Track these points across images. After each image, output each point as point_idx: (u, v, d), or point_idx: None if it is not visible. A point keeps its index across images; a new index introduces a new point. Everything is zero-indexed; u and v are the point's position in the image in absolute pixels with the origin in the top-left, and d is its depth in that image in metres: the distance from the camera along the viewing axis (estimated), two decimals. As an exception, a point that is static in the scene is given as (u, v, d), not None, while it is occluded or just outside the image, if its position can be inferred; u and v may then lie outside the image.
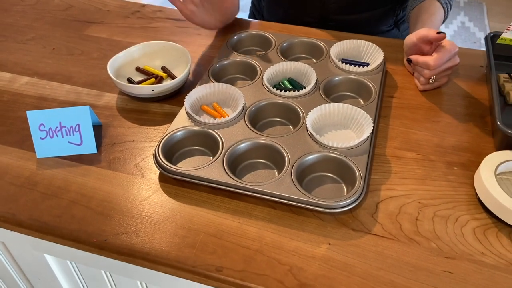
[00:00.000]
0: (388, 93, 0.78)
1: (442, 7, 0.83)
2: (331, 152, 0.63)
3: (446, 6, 0.84)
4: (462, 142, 0.70)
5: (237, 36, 0.87)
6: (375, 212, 0.60)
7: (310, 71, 0.76)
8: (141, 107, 0.76)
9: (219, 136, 0.66)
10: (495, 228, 0.58)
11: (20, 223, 0.58)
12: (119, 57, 0.78)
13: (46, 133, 0.66)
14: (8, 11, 1.00)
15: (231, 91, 0.72)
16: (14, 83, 0.80)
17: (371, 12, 0.96)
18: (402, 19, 1.02)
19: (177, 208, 0.60)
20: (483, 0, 3.04)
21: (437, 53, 0.72)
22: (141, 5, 1.00)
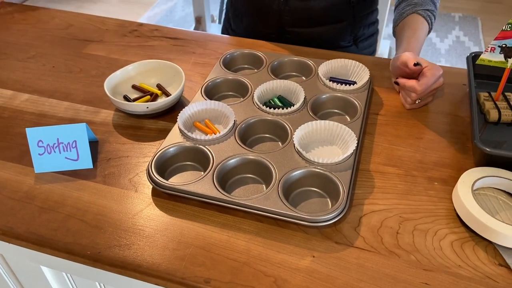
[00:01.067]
0: (373, 111, 0.82)
1: (425, 21, 0.87)
2: (317, 167, 0.66)
3: (430, 19, 0.88)
4: (444, 158, 0.73)
5: (230, 55, 0.90)
6: (358, 225, 0.62)
7: (298, 89, 0.80)
8: (136, 123, 0.79)
9: (210, 152, 0.69)
10: (472, 241, 0.61)
11: (17, 236, 0.61)
12: (116, 75, 0.82)
13: (44, 149, 0.69)
14: (9, 30, 1.03)
15: (223, 109, 0.76)
16: (15, 100, 0.83)
17: (326, 27, 1.00)
18: (362, 38, 1.06)
19: (169, 221, 0.63)
20: (478, 15, 3.09)
21: (423, 77, 0.75)
22: (139, 24, 1.04)
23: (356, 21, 1.00)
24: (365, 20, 1.02)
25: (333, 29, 0.99)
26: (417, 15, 0.86)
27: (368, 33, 1.05)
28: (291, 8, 0.96)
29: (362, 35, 1.03)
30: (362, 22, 1.01)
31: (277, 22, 0.99)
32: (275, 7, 0.97)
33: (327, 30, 0.99)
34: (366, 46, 1.06)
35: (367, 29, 1.04)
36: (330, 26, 0.99)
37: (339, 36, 1.01)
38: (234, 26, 1.10)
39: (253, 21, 1.03)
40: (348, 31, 1.01)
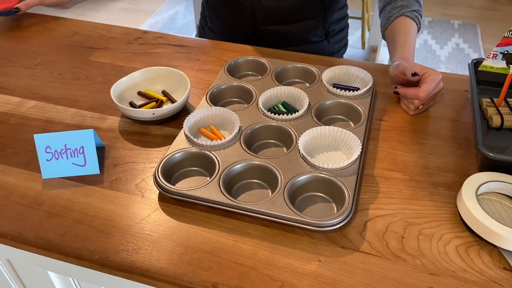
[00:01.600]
0: (377, 116, 0.82)
1: (413, 22, 0.88)
2: (322, 173, 0.67)
3: (417, 19, 0.89)
4: (447, 164, 0.73)
5: (234, 62, 0.91)
6: (363, 230, 0.63)
7: (303, 95, 0.81)
8: (142, 129, 0.79)
9: (215, 157, 0.69)
10: (477, 246, 0.61)
11: (26, 241, 0.61)
12: (122, 82, 0.82)
13: (52, 155, 0.69)
14: (16, 37, 1.05)
15: (228, 115, 0.76)
16: (22, 106, 0.84)
17: (298, 24, 1.02)
18: (333, 33, 1.08)
19: (176, 226, 0.63)
20: (477, 22, 3.12)
21: (423, 83, 0.77)
22: (143, 32, 1.05)
23: (326, 17, 1.03)
24: (336, 15, 1.05)
25: (305, 25, 1.02)
26: (405, 18, 0.88)
27: (339, 28, 1.08)
28: (264, 7, 0.99)
29: (332, 30, 1.07)
30: (332, 17, 1.05)
31: (250, 20, 1.02)
32: (248, 6, 1.00)
33: (299, 27, 1.02)
34: (337, 40, 1.09)
35: (337, 24, 1.07)
36: (302, 23, 1.02)
37: (310, 32, 1.03)
38: (210, 24, 1.13)
39: (228, 19, 1.06)
40: (319, 27, 1.04)
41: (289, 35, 1.03)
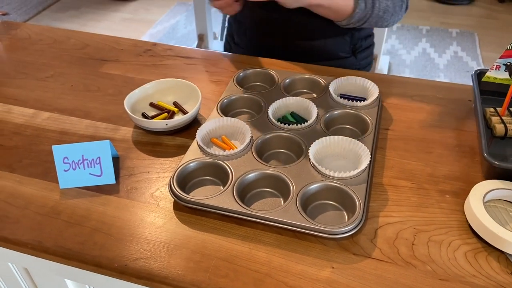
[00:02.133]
0: (383, 126, 0.84)
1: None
2: (332, 181, 0.69)
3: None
4: (453, 172, 0.75)
5: (243, 73, 0.93)
6: (374, 237, 0.65)
7: (311, 105, 0.83)
8: (155, 140, 0.81)
9: (228, 167, 0.71)
10: (485, 252, 0.63)
11: (46, 250, 0.63)
12: (135, 94, 0.84)
13: (69, 166, 0.71)
14: (27, 50, 1.07)
15: (239, 125, 0.78)
16: (36, 118, 0.86)
17: (327, 39, 1.03)
18: (360, 49, 1.10)
19: (191, 234, 0.65)
20: (475, 30, 3.16)
21: None
22: (153, 44, 1.08)
23: (354, 33, 1.04)
24: (363, 32, 1.06)
25: (334, 40, 1.03)
26: None
27: (366, 45, 1.09)
28: (295, 21, 1.00)
29: (360, 47, 1.08)
30: (360, 34, 1.06)
31: (281, 35, 1.03)
32: (280, 21, 1.01)
33: (328, 42, 1.03)
34: (364, 57, 1.10)
35: (364, 41, 1.08)
36: (331, 39, 1.03)
37: (339, 47, 1.05)
38: (237, 40, 1.14)
39: (257, 34, 1.07)
40: (347, 43, 1.05)
41: (318, 50, 1.04)
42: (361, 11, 0.89)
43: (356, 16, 0.90)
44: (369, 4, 0.89)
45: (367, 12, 0.90)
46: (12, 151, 0.79)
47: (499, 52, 3.03)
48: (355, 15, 0.90)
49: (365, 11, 0.90)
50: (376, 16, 0.92)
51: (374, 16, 0.92)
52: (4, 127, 0.84)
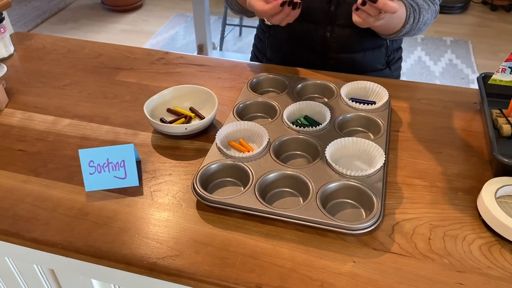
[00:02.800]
0: (394, 128, 0.88)
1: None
2: (350, 180, 0.72)
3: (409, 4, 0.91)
4: (464, 170, 0.78)
5: (256, 79, 0.97)
6: (392, 233, 0.67)
7: (324, 109, 0.86)
8: (174, 144, 0.84)
9: (248, 168, 0.74)
10: (498, 245, 0.66)
11: (76, 249, 0.65)
12: (153, 100, 0.87)
13: (94, 169, 0.73)
14: (42, 60, 1.09)
15: (256, 128, 0.81)
16: (57, 125, 0.88)
17: (366, 52, 1.06)
18: (393, 61, 1.13)
19: (215, 233, 0.67)
20: (469, 38, 3.22)
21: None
22: (165, 53, 1.11)
23: (389, 45, 1.07)
24: (395, 44, 1.09)
25: (372, 53, 1.06)
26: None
27: (397, 56, 1.12)
28: (337, 34, 1.02)
29: (393, 58, 1.11)
30: (393, 46, 1.09)
31: (322, 48, 1.05)
32: (321, 35, 1.03)
33: (367, 54, 1.06)
34: (396, 68, 1.13)
35: (397, 53, 1.11)
36: (370, 51, 1.06)
37: (376, 59, 1.08)
38: (270, 55, 1.14)
39: (296, 48, 1.08)
40: (383, 55, 1.08)
41: (358, 62, 1.06)
42: (409, 25, 0.93)
43: (404, 30, 0.94)
44: (416, 18, 0.93)
45: (413, 26, 0.94)
46: (36, 157, 0.81)
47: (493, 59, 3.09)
48: (403, 29, 0.93)
49: (412, 25, 0.93)
50: (418, 28, 0.96)
51: (417, 29, 0.96)
52: (26, 134, 0.86)
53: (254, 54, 1.23)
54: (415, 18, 0.92)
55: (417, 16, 0.93)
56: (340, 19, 1.00)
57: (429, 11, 0.96)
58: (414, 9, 0.92)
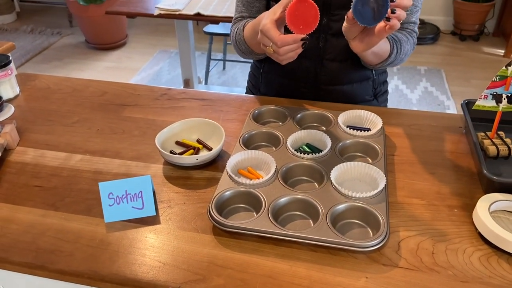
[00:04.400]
0: (390, 152, 0.94)
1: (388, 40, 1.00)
2: (356, 201, 0.77)
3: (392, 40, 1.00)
4: (457, 189, 0.85)
5: (258, 111, 1.03)
6: (398, 249, 0.73)
7: (324, 136, 0.92)
8: (185, 174, 0.88)
9: (260, 194, 0.79)
10: (496, 255, 0.72)
11: (102, 278, 0.68)
12: (163, 133, 0.92)
13: (114, 201, 0.77)
14: (49, 99, 1.13)
15: (263, 157, 0.86)
16: (70, 160, 0.92)
17: (354, 84, 1.14)
18: (380, 93, 1.21)
19: (234, 256, 0.71)
20: (441, 67, 3.40)
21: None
22: (167, 89, 1.16)
23: (375, 78, 1.16)
24: (381, 77, 1.18)
25: (360, 85, 1.14)
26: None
27: (384, 89, 1.21)
28: (327, 68, 1.10)
29: (380, 91, 1.19)
30: (379, 79, 1.17)
31: (313, 81, 1.13)
32: (312, 68, 1.11)
33: (355, 86, 1.14)
34: (383, 100, 1.22)
35: (383, 86, 1.20)
36: (358, 83, 1.14)
37: (365, 91, 1.16)
38: (264, 90, 1.22)
39: (289, 82, 1.16)
40: (370, 87, 1.16)
41: (347, 94, 1.14)
42: (394, 55, 1.02)
43: (389, 60, 1.02)
44: (399, 49, 1.02)
45: (397, 56, 1.03)
46: (53, 191, 0.84)
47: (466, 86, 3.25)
48: (389, 59, 1.02)
49: (396, 55, 1.02)
50: (400, 59, 1.05)
51: (399, 59, 1.05)
52: (41, 170, 0.89)
53: (248, 89, 1.30)
54: (397, 49, 1.01)
55: (399, 47, 1.02)
56: (328, 54, 1.08)
57: (408, 43, 1.05)
58: (396, 41, 1.01)
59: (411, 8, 1.05)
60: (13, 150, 0.95)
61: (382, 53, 0.99)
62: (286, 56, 0.87)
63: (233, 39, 1.10)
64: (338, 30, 1.05)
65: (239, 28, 1.07)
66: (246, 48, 1.06)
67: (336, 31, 1.05)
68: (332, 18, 1.04)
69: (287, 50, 0.85)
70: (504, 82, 0.86)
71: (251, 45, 1.04)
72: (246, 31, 1.03)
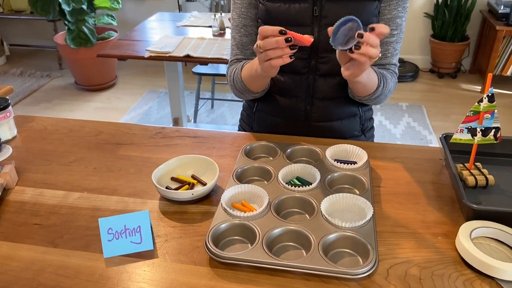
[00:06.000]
0: (375, 184, 0.99)
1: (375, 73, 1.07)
2: (346, 231, 0.81)
3: (380, 74, 1.07)
4: (440, 217, 0.90)
5: (249, 146, 1.07)
6: (387, 276, 0.76)
7: (314, 170, 0.97)
8: (181, 209, 0.91)
9: (254, 226, 0.82)
10: (479, 280, 0.76)
11: (103, 312, 0.69)
12: (160, 169, 0.96)
13: (113, 236, 0.79)
14: (46, 140, 1.16)
15: (256, 190, 0.90)
16: (68, 198, 0.94)
17: (342, 120, 1.21)
18: (367, 129, 1.28)
19: (230, 287, 0.74)
20: (422, 103, 3.53)
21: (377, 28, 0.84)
22: (161, 128, 1.21)
23: (362, 115, 1.23)
24: (368, 114, 1.25)
25: (348, 121, 1.21)
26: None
27: (370, 125, 1.28)
28: (317, 106, 1.17)
29: (367, 127, 1.26)
30: (366, 116, 1.24)
31: (304, 119, 1.19)
32: (302, 107, 1.18)
33: (344, 122, 1.21)
34: (370, 136, 1.29)
35: (369, 122, 1.27)
36: (346, 119, 1.21)
37: (353, 127, 1.22)
38: (257, 128, 1.28)
39: (281, 121, 1.22)
40: (358, 123, 1.23)
41: (336, 130, 1.21)
42: (381, 89, 1.08)
43: (376, 94, 1.09)
44: (385, 84, 1.10)
45: (383, 90, 1.10)
46: (52, 229, 0.86)
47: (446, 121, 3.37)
48: (376, 92, 1.08)
49: (382, 90, 1.09)
50: (384, 94, 1.12)
51: (383, 95, 1.12)
52: (39, 209, 0.92)
53: (241, 128, 1.35)
54: (384, 83, 1.09)
55: (385, 82, 1.09)
56: (318, 93, 1.15)
57: (392, 80, 1.13)
58: (382, 76, 1.09)
59: (391, 52, 1.13)
60: (12, 189, 0.97)
61: (371, 85, 1.05)
62: (268, 54, 0.87)
63: (230, 79, 1.17)
64: (326, 71, 1.12)
65: (237, 68, 1.14)
66: (243, 87, 1.13)
67: (324, 72, 1.13)
68: (320, 60, 1.11)
69: (268, 44, 0.86)
70: (478, 117, 0.93)
71: (248, 84, 1.11)
72: (244, 71, 1.10)
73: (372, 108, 1.29)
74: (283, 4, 1.07)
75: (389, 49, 1.13)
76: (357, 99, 1.14)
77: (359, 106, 1.22)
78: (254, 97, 1.19)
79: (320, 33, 1.08)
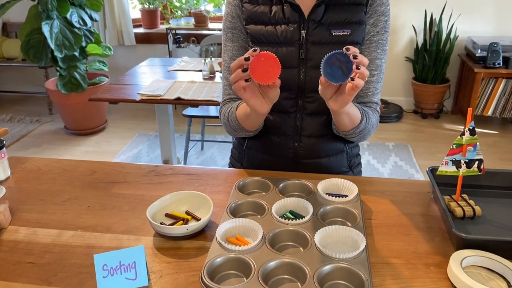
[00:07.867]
0: (366, 216, 1.01)
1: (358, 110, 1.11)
2: (340, 262, 0.82)
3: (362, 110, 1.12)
4: (431, 248, 0.91)
5: (242, 182, 1.09)
6: (382, 306, 0.77)
7: (306, 203, 0.99)
8: (175, 245, 0.91)
9: (249, 259, 0.83)
10: (472, 307, 0.77)
11: None
12: (154, 205, 0.97)
13: (108, 272, 0.79)
14: (40, 180, 1.17)
15: (250, 224, 0.92)
16: (62, 237, 0.94)
17: (330, 157, 1.25)
18: (354, 165, 1.32)
19: (227, 321, 0.73)
20: (408, 143, 3.61)
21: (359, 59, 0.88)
22: (154, 166, 1.22)
23: (349, 151, 1.28)
24: (354, 150, 1.29)
25: (336, 158, 1.25)
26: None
27: (357, 162, 1.33)
28: (305, 144, 1.21)
29: (354, 163, 1.30)
30: (352, 152, 1.28)
31: (293, 156, 1.23)
32: (291, 145, 1.21)
33: (331, 159, 1.24)
34: (357, 172, 1.33)
35: (356, 158, 1.31)
36: (334, 156, 1.25)
37: (340, 163, 1.26)
38: (247, 164, 1.31)
39: (271, 158, 1.25)
40: (345, 159, 1.26)
41: (324, 166, 1.24)
42: (364, 123, 1.12)
43: (360, 127, 1.12)
44: (367, 118, 1.14)
45: (366, 125, 1.13)
46: (46, 267, 0.85)
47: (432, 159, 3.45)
48: (359, 126, 1.12)
49: (365, 123, 1.13)
50: (368, 130, 1.16)
51: (367, 130, 1.15)
52: (33, 247, 0.91)
53: (231, 165, 1.38)
54: (366, 118, 1.13)
55: (368, 117, 1.14)
56: (305, 131, 1.20)
57: (374, 116, 1.18)
58: (365, 112, 1.14)
59: (372, 91, 1.19)
60: (5, 229, 0.97)
61: (354, 118, 1.09)
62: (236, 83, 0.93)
63: (224, 118, 1.20)
64: (313, 110, 1.17)
65: (232, 107, 1.18)
66: (237, 125, 1.16)
67: (311, 111, 1.17)
68: (307, 100, 1.16)
69: (236, 75, 0.92)
70: (461, 150, 0.97)
71: (242, 123, 1.14)
72: (239, 110, 1.14)
73: (358, 145, 1.33)
74: (271, 48, 1.13)
75: (370, 88, 1.19)
76: (342, 134, 1.17)
77: (345, 142, 1.26)
78: (247, 135, 1.22)
79: (306, 74, 1.14)
